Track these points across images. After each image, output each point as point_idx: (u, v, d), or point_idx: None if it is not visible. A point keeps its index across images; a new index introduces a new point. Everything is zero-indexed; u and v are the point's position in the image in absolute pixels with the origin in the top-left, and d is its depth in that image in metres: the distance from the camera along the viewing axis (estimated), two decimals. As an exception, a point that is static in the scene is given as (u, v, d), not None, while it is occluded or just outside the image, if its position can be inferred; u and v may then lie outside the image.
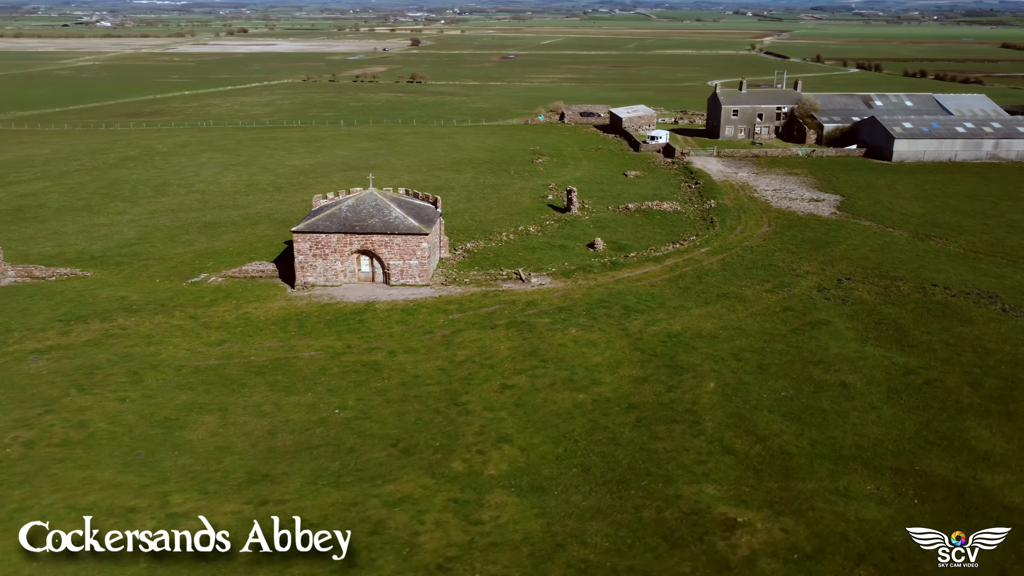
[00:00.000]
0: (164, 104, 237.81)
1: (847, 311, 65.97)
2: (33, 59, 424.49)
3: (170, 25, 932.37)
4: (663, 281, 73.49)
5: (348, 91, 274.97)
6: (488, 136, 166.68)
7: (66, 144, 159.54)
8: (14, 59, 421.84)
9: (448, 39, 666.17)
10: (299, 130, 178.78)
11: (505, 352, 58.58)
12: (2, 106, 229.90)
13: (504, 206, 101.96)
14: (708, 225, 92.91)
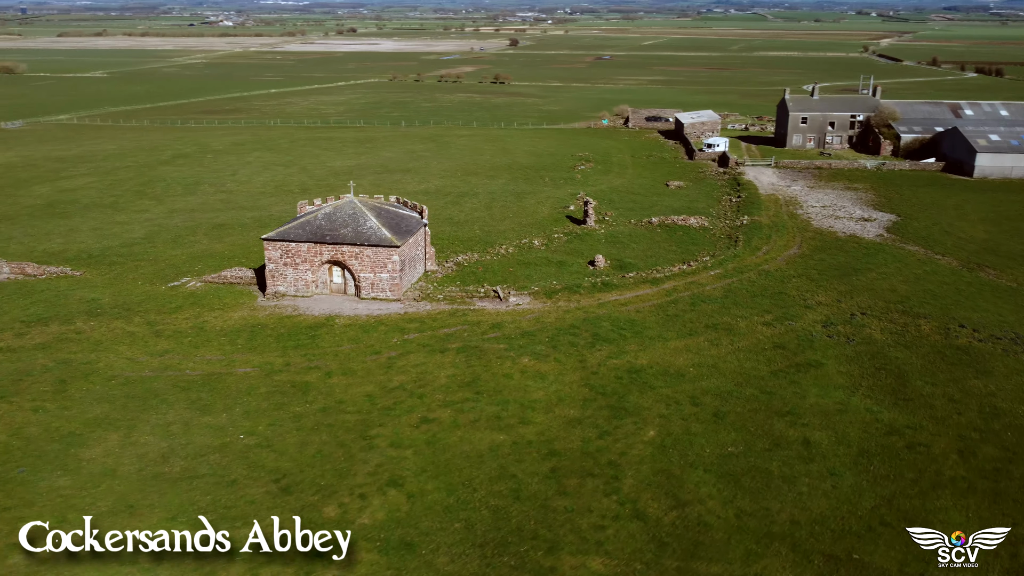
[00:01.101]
0: (246, 102, 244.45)
1: (847, 352, 58.03)
2: (148, 57, 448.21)
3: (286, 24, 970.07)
4: (651, 307, 67.16)
5: (426, 91, 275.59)
6: (542, 140, 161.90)
7: (133, 140, 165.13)
8: (131, 56, 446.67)
9: (548, 39, 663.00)
10: (358, 130, 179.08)
11: (443, 380, 54.17)
12: (99, 102, 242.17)
13: (520, 216, 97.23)
14: (731, 244, 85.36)
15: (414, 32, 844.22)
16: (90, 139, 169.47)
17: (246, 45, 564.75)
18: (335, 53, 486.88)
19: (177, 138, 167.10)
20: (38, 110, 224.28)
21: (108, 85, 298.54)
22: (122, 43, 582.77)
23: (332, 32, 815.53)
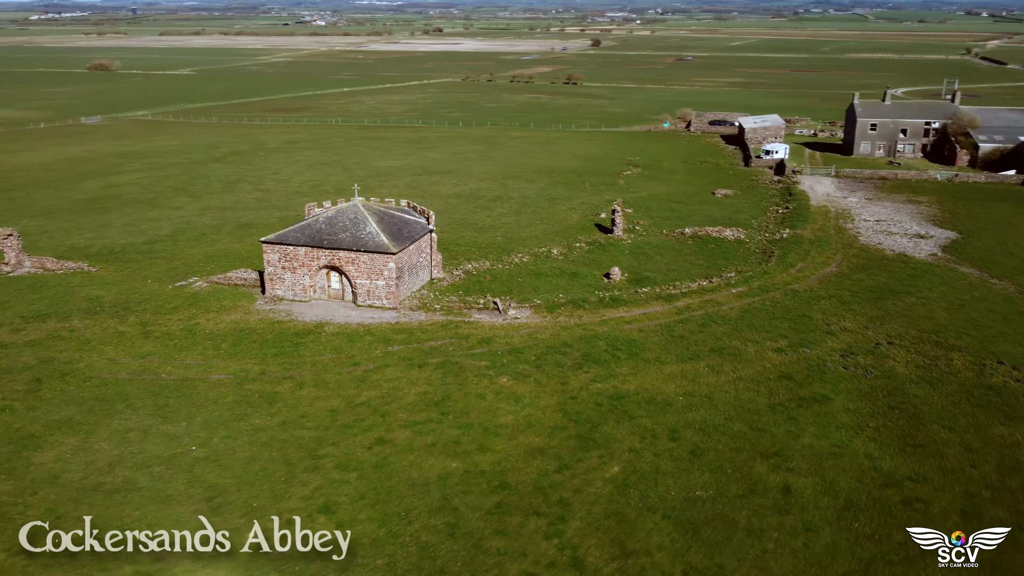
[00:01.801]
0: (316, 100, 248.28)
1: (861, 387, 52.48)
2: (236, 55, 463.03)
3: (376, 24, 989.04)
4: (657, 326, 62.76)
5: (494, 92, 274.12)
6: (595, 143, 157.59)
7: (196, 137, 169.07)
8: (220, 55, 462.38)
9: (632, 40, 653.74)
10: (413, 130, 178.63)
11: (412, 397, 51.49)
12: (178, 98, 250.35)
13: (548, 223, 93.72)
14: (763, 259, 79.74)
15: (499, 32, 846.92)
16: (157, 135, 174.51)
17: (332, 44, 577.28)
18: (416, 53, 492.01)
19: (237, 135, 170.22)
20: (119, 106, 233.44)
21: (191, 82, 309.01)
22: (216, 42, 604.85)
23: (418, 32, 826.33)
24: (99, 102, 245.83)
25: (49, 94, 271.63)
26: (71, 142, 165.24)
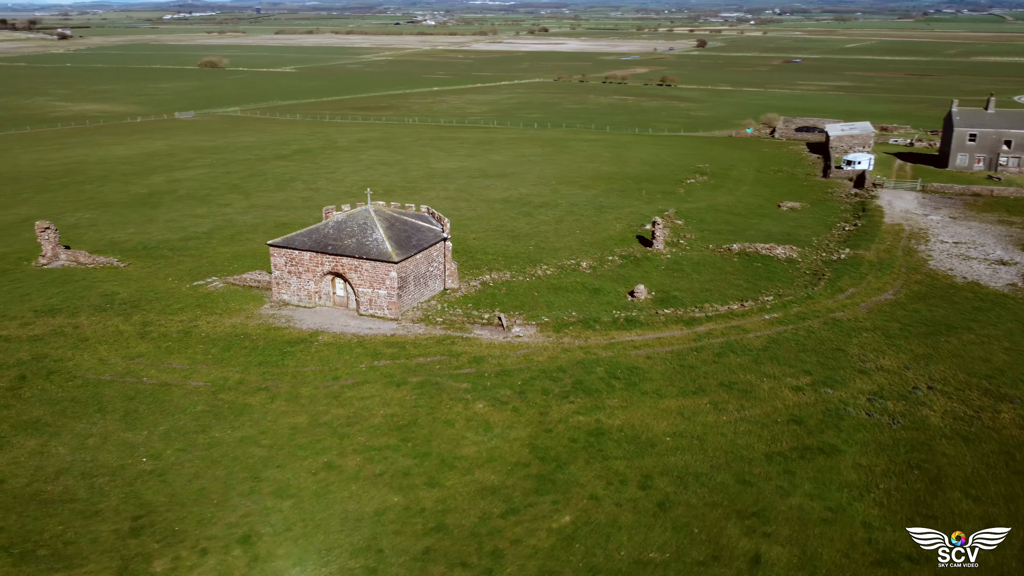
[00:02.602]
0: (403, 99, 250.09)
1: (881, 438, 45.90)
2: (341, 54, 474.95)
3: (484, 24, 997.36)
4: (669, 353, 57.44)
5: (582, 93, 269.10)
6: (668, 148, 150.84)
7: (273, 134, 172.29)
8: (325, 53, 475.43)
9: (742, 41, 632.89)
10: (485, 131, 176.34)
11: (378, 419, 48.45)
12: (273, 95, 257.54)
13: (588, 233, 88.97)
14: (812, 282, 72.64)
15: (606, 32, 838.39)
16: (239, 131, 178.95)
17: (436, 44, 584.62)
18: (515, 53, 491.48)
19: (312, 132, 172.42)
20: (215, 102, 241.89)
21: (290, 80, 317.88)
22: (326, 40, 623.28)
23: (524, 32, 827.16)
24: (198, 98, 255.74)
25: (156, 89, 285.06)
26: (157, 136, 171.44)
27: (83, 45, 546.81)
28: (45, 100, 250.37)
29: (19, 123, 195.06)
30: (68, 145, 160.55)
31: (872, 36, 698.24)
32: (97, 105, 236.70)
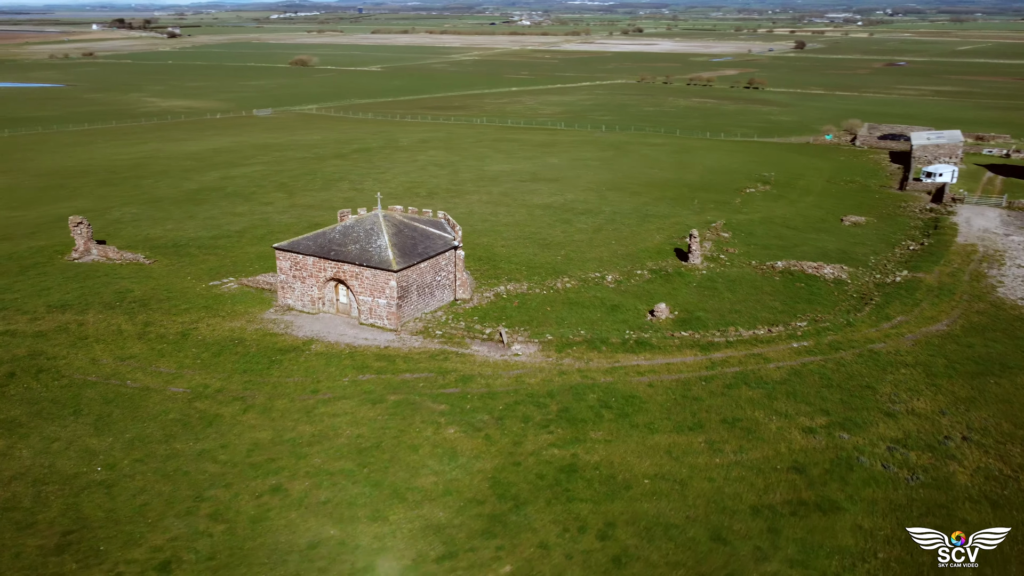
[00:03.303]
0: (477, 99, 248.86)
1: (894, 496, 40.15)
2: (429, 53, 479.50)
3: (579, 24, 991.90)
4: (674, 381, 52.66)
5: (661, 95, 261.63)
6: (736, 154, 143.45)
7: (340, 132, 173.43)
8: (414, 52, 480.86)
9: (844, 42, 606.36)
10: (551, 133, 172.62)
11: (341, 440, 45.82)
12: (350, 94, 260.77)
13: (624, 244, 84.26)
14: (856, 307, 66.07)
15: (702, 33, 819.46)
16: (308, 129, 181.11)
17: (526, 44, 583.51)
18: (603, 53, 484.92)
19: (377, 132, 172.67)
20: (295, 100, 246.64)
21: (373, 79, 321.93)
22: (419, 40, 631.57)
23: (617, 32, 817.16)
24: (281, 95, 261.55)
25: (244, 87, 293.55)
26: (230, 133, 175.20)
27: (188, 44, 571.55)
28: (139, 96, 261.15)
29: (107, 118, 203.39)
30: (145, 140, 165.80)
31: (989, 38, 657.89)
32: (185, 101, 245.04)
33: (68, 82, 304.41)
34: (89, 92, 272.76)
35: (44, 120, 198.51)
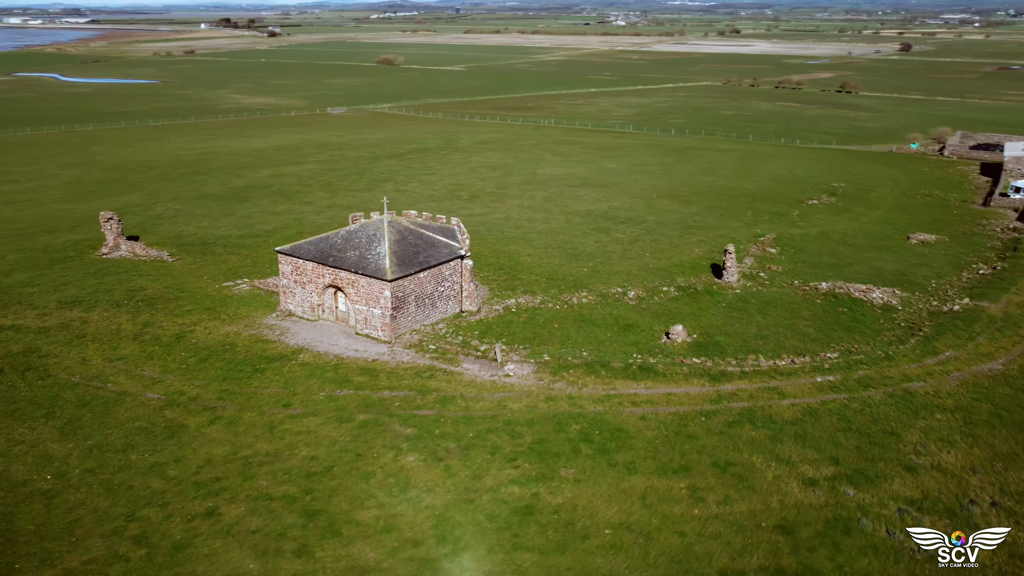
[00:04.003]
0: (552, 100, 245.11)
1: (893, 570, 34.50)
2: (516, 53, 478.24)
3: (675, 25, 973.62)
4: (671, 415, 47.86)
5: (744, 98, 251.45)
6: (807, 162, 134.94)
7: (403, 131, 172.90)
8: (501, 52, 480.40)
9: (957, 45, 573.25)
10: (616, 136, 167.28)
11: (294, 461, 43.20)
12: (425, 93, 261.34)
13: (658, 257, 79.09)
14: (901, 339, 59.28)
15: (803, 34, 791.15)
16: (374, 127, 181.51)
17: (616, 44, 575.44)
18: (694, 54, 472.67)
19: (440, 132, 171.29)
20: (371, 98, 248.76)
21: (453, 78, 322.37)
22: (509, 40, 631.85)
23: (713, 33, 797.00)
24: (360, 94, 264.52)
25: (327, 85, 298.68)
26: (298, 131, 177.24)
27: (286, 42, 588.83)
28: (225, 93, 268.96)
29: (188, 113, 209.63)
30: (216, 136, 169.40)
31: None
32: (266, 98, 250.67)
33: (164, 79, 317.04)
34: (179, 89, 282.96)
35: (130, 115, 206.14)
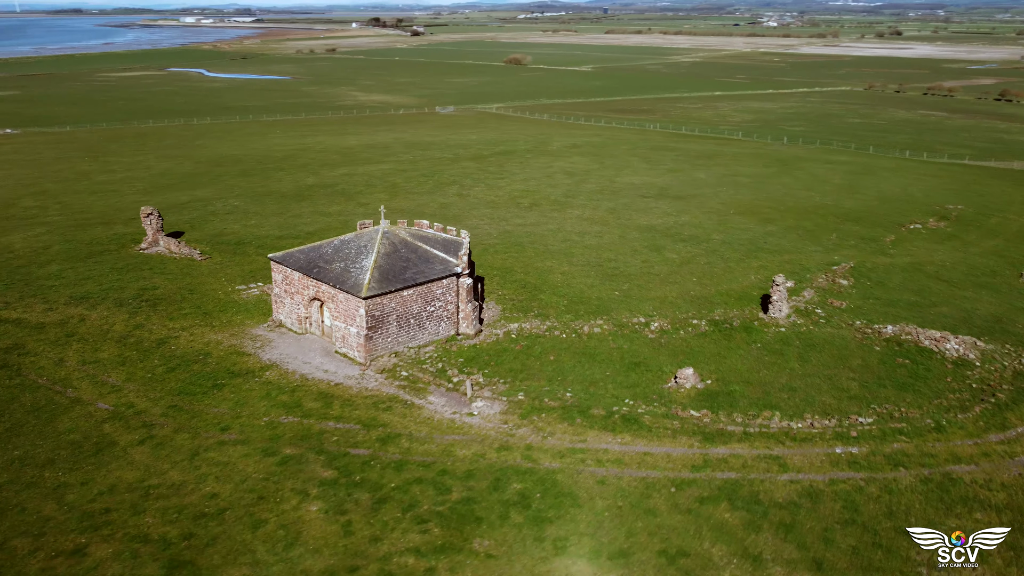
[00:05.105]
0: (670, 103, 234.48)
1: None
2: (650, 54, 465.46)
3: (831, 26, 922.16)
4: (637, 481, 40.43)
5: (880, 105, 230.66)
6: (926, 179, 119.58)
7: (501, 132, 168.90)
8: (635, 53, 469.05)
9: None
10: (722, 143, 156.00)
11: (191, 499, 39.25)
12: (540, 93, 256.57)
13: (705, 283, 70.30)
14: (964, 404, 48.52)
15: (975, 37, 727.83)
16: (473, 127, 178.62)
17: (759, 46, 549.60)
18: (841, 57, 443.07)
19: (536, 133, 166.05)
20: (485, 98, 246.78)
21: (575, 79, 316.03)
22: (647, 40, 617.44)
23: (871, 35, 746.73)
24: (475, 93, 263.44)
25: (447, 84, 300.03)
26: (397, 129, 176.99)
27: (425, 41, 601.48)
28: (346, 89, 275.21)
29: (301, 109, 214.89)
30: (316, 133, 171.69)
31: None
32: (382, 96, 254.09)
33: (296, 75, 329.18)
34: (306, 85, 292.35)
35: (249, 110, 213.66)
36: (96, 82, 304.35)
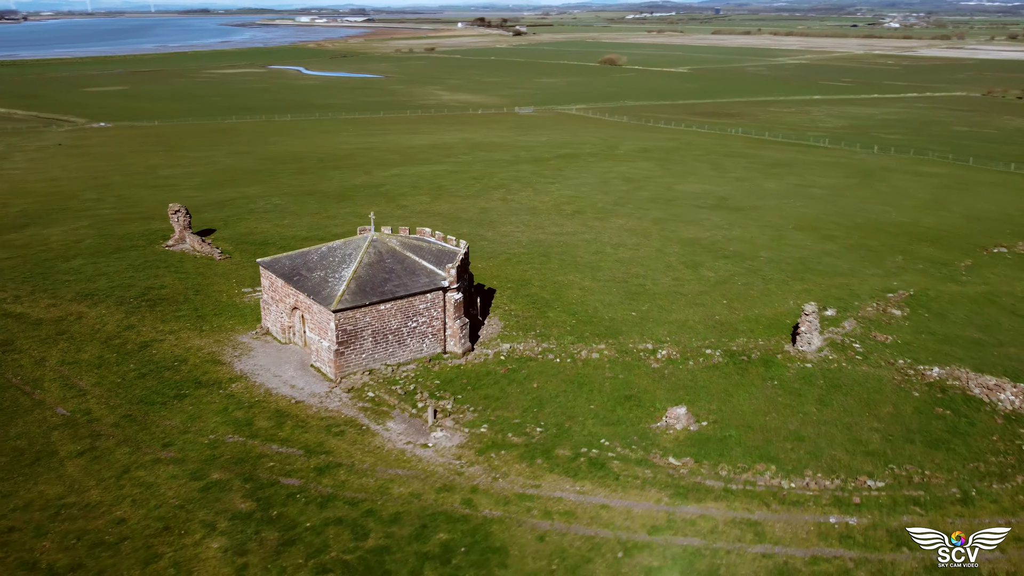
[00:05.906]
0: (760, 107, 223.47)
1: None
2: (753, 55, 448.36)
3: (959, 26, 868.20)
4: (582, 541, 35.33)
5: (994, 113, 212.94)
6: None
7: (572, 134, 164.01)
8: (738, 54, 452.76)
9: None
10: (801, 150, 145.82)
11: (98, 524, 36.77)
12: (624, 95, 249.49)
13: (734, 307, 63.64)
14: (1004, 471, 40.89)
15: None
16: (546, 128, 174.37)
17: (874, 48, 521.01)
18: (963, 60, 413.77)
19: (607, 136, 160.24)
20: (568, 99, 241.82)
21: (667, 80, 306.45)
22: (754, 41, 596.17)
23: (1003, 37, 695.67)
24: (561, 93, 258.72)
25: (534, 84, 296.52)
26: (468, 129, 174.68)
27: (526, 41, 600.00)
28: (432, 89, 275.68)
29: (380, 108, 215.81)
30: (386, 132, 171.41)
31: None
32: (467, 96, 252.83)
33: (389, 74, 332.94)
34: (394, 84, 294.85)
35: (329, 107, 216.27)
36: (199, 79, 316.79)
